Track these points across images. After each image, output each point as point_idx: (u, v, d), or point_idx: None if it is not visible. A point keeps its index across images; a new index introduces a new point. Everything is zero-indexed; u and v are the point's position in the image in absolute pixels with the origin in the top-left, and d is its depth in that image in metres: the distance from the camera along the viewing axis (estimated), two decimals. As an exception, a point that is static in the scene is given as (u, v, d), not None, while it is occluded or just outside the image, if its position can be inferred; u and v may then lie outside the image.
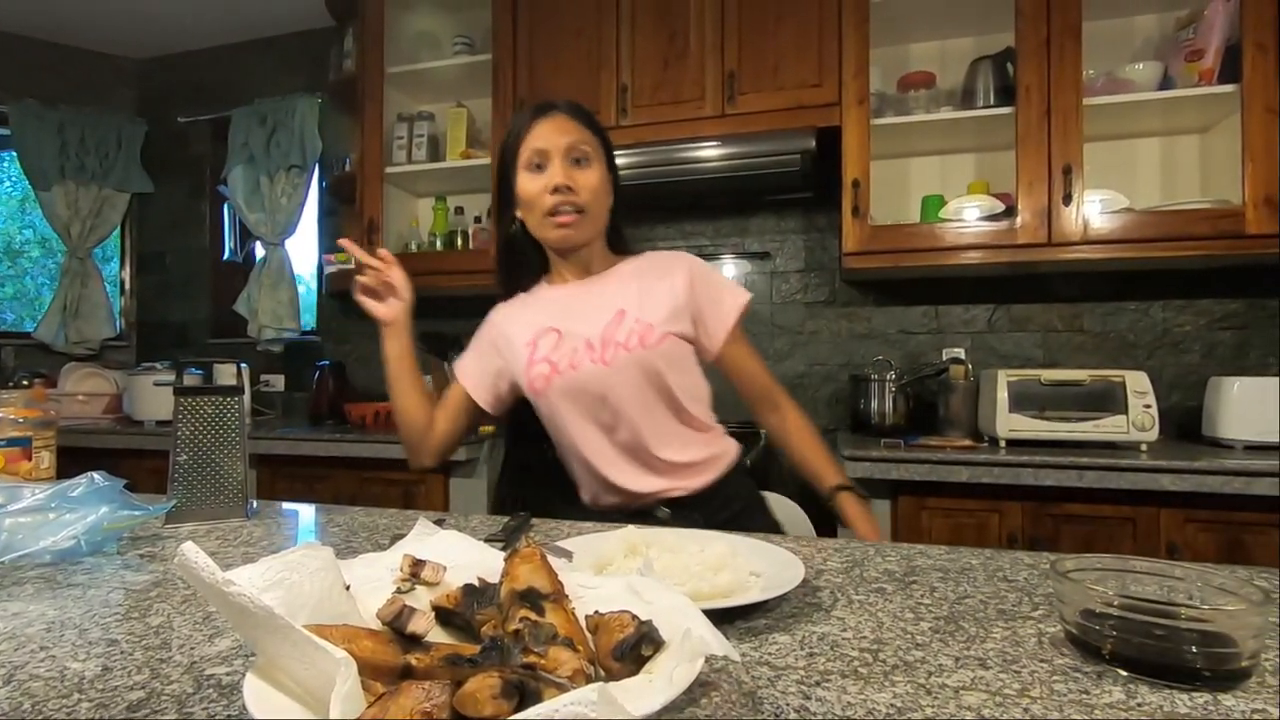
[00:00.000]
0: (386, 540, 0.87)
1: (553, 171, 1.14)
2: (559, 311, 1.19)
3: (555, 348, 1.16)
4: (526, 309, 1.24)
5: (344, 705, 0.34)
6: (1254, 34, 1.79)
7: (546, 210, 1.14)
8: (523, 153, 1.17)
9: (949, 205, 2.07)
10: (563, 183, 1.13)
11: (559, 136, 1.14)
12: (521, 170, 1.17)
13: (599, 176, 1.17)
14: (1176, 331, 2.14)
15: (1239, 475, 1.56)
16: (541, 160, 1.15)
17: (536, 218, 1.17)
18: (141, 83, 3.35)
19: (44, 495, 0.81)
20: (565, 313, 1.19)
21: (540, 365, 1.16)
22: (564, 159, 1.14)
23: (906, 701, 0.45)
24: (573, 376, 1.13)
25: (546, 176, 1.14)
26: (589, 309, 1.17)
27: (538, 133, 1.16)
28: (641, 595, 0.50)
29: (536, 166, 1.16)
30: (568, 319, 1.17)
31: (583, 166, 1.16)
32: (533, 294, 1.27)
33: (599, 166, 1.17)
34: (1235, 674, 0.47)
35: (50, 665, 0.51)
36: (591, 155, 1.17)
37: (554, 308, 1.21)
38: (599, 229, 1.21)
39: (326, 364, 2.80)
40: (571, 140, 1.15)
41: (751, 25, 2.15)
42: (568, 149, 1.14)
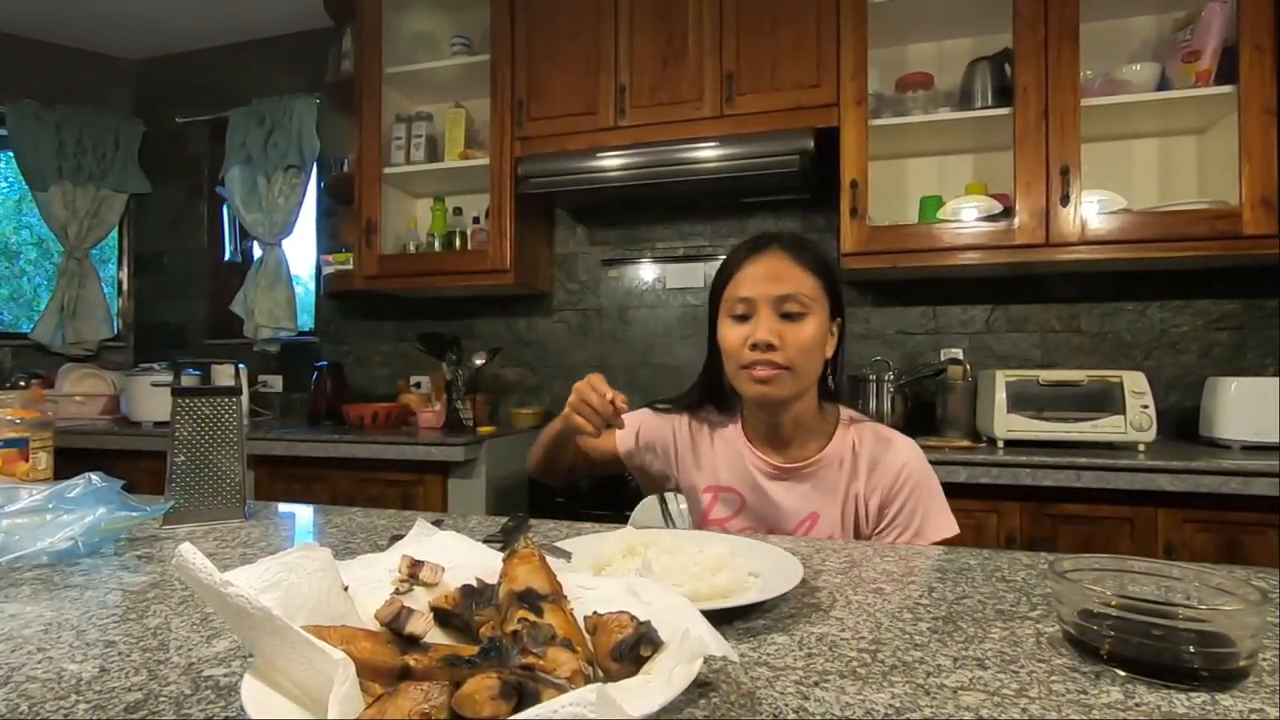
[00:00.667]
0: (385, 541, 0.87)
1: (756, 324, 1.00)
2: (749, 483, 1.09)
3: (733, 517, 1.09)
4: (714, 446, 1.13)
5: (342, 706, 0.34)
6: (1251, 35, 1.79)
7: (742, 363, 1.02)
8: (727, 298, 1.05)
9: (947, 206, 2.07)
10: (764, 339, 0.99)
11: (769, 285, 1.00)
12: (724, 318, 1.05)
13: (813, 332, 1.01)
14: (1174, 332, 2.15)
15: (1236, 475, 1.57)
16: (747, 310, 1.02)
17: (732, 368, 1.05)
18: (139, 83, 3.35)
19: (41, 496, 0.81)
20: (754, 489, 1.08)
21: (713, 527, 1.09)
22: (773, 310, 1.00)
23: (905, 702, 0.45)
24: None
25: (749, 328, 1.01)
26: (782, 499, 1.07)
27: (747, 277, 1.02)
28: (640, 596, 0.50)
29: (741, 316, 1.02)
30: (757, 496, 1.08)
31: (795, 321, 1.00)
32: (726, 431, 1.14)
33: (816, 320, 1.01)
34: (1233, 674, 0.47)
35: (48, 667, 0.50)
36: (810, 307, 1.01)
37: (744, 473, 1.09)
38: (805, 387, 1.04)
39: (324, 365, 2.80)
40: (785, 291, 1.00)
41: (750, 26, 2.15)
42: (779, 299, 1.00)
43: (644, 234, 2.66)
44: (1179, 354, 2.14)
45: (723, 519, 1.10)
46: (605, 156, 2.24)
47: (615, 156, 2.23)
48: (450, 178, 2.63)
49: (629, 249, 2.67)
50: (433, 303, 2.88)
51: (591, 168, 2.25)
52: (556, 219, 2.76)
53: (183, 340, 3.28)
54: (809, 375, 1.03)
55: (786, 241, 1.04)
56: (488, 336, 2.82)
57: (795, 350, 0.99)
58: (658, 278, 2.64)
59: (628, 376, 2.65)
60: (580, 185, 2.28)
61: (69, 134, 3.13)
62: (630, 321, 2.66)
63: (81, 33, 3.12)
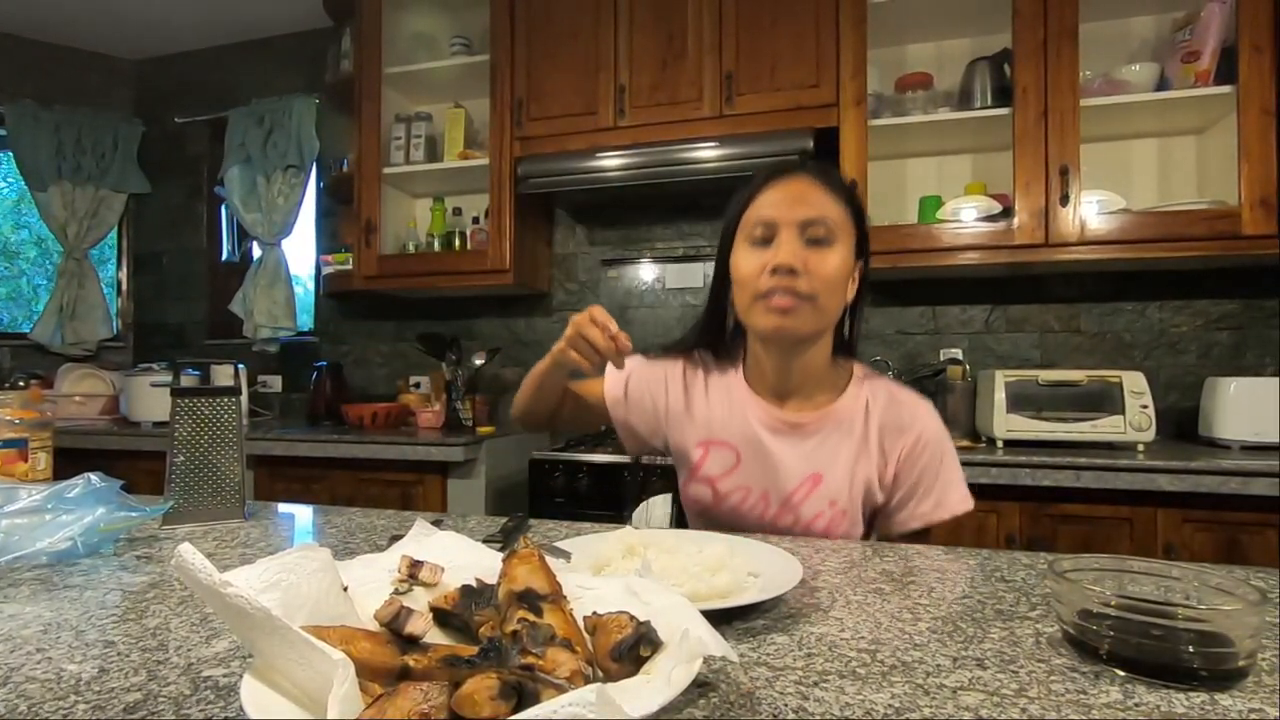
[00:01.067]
0: (384, 541, 0.87)
1: (778, 248, 0.90)
2: (747, 436, 0.99)
3: (726, 475, 0.99)
4: (710, 395, 1.03)
5: (341, 706, 0.34)
6: (1250, 35, 1.79)
7: (759, 292, 0.91)
8: (746, 221, 0.94)
9: (946, 206, 2.07)
10: (786, 263, 0.88)
11: (795, 207, 0.90)
12: (741, 243, 0.94)
13: (839, 263, 0.90)
14: (1173, 332, 2.15)
15: (1235, 475, 1.57)
16: (768, 233, 0.91)
17: (746, 299, 0.93)
18: (138, 83, 3.35)
19: (40, 496, 0.81)
20: (753, 444, 0.98)
21: (702, 486, 1.01)
22: (797, 234, 0.90)
23: (904, 702, 0.45)
24: (731, 515, 0.99)
25: (769, 253, 0.90)
26: (783, 456, 0.97)
27: (769, 198, 0.92)
28: (640, 596, 0.50)
29: (761, 240, 0.92)
30: (753, 451, 0.98)
31: (820, 248, 0.90)
32: (725, 379, 1.04)
33: (842, 250, 0.91)
34: (1232, 674, 0.47)
35: (47, 667, 0.50)
36: (836, 234, 0.91)
37: (742, 426, 0.99)
38: (824, 326, 0.94)
39: (324, 365, 2.80)
40: (812, 214, 0.90)
41: (749, 26, 2.15)
42: (804, 223, 0.90)
43: (643, 234, 2.66)
44: (1178, 354, 2.15)
45: (713, 476, 1.00)
46: (605, 156, 2.24)
47: (615, 156, 2.23)
48: (450, 178, 2.63)
49: (628, 249, 2.67)
50: (432, 303, 2.88)
51: (591, 168, 2.25)
52: (556, 219, 2.76)
53: (182, 340, 3.28)
54: (830, 312, 0.93)
55: (813, 167, 0.94)
56: (487, 336, 2.82)
57: (820, 280, 0.89)
58: (657, 278, 2.64)
59: (627, 376, 2.65)
60: (580, 185, 2.28)
61: (68, 134, 3.13)
62: (630, 321, 2.66)
63: (81, 33, 3.12)
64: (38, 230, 3.94)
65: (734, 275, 0.95)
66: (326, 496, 2.28)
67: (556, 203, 2.66)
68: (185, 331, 3.29)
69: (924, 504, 0.97)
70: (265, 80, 3.11)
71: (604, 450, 2.09)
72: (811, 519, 0.96)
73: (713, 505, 1.01)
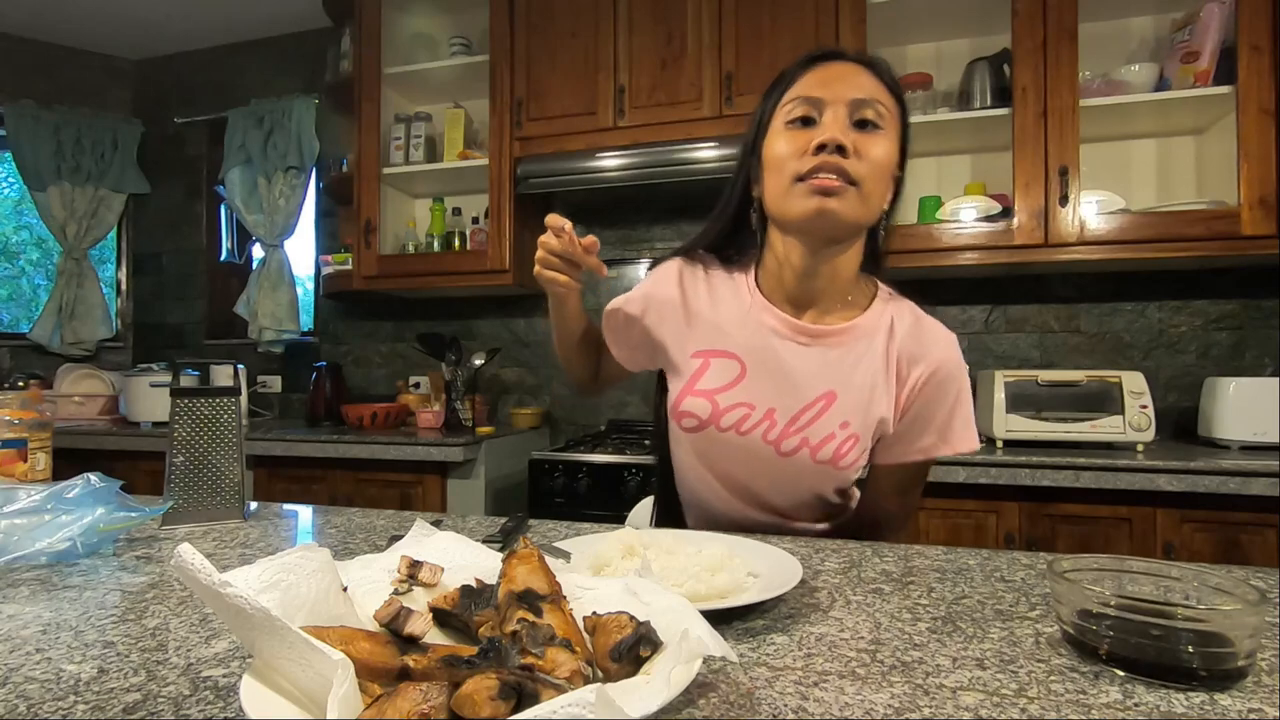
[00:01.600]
0: (384, 541, 0.87)
1: (825, 126, 0.80)
2: (756, 346, 0.90)
3: (728, 388, 0.90)
4: (715, 299, 0.94)
5: (341, 707, 0.34)
6: (1249, 35, 1.79)
7: (800, 173, 0.80)
8: (784, 103, 0.84)
9: (946, 206, 2.08)
10: (835, 138, 0.78)
11: (844, 86, 0.81)
12: (778, 126, 0.84)
13: (888, 150, 0.82)
14: (1172, 332, 2.15)
15: (1235, 475, 1.57)
16: (811, 112, 0.82)
17: (783, 183, 0.83)
18: (138, 83, 3.35)
19: (40, 497, 0.81)
20: (762, 354, 0.90)
21: (698, 399, 0.91)
22: (846, 114, 0.81)
23: (904, 702, 0.45)
24: (731, 439, 0.90)
25: (814, 131, 0.81)
26: (796, 366, 0.89)
27: (814, 78, 0.83)
28: (639, 596, 0.50)
29: (801, 120, 0.82)
30: (761, 363, 0.90)
31: (869, 132, 0.81)
32: (733, 281, 0.95)
33: (890, 142, 0.83)
34: (1231, 674, 0.47)
35: (46, 668, 0.50)
36: (887, 121, 0.82)
37: (752, 334, 0.91)
38: (866, 220, 0.85)
39: (323, 365, 2.80)
40: (863, 95, 0.81)
41: (748, 26, 2.15)
42: (855, 103, 0.81)
43: (643, 234, 2.66)
44: (1177, 354, 2.15)
45: (711, 389, 0.91)
46: (604, 157, 2.24)
47: (614, 157, 2.23)
48: (449, 178, 2.63)
49: (628, 249, 2.67)
50: (432, 303, 2.88)
51: (590, 168, 2.25)
52: (555, 219, 2.76)
53: (181, 340, 3.28)
54: (874, 206, 0.83)
55: (858, 54, 0.87)
56: (487, 337, 2.82)
57: (870, 163, 0.80)
58: (657, 278, 2.63)
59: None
60: (579, 185, 2.28)
61: (67, 134, 3.13)
62: (629, 322, 2.66)
63: (80, 33, 3.12)
64: (39, 231, 3.94)
65: (767, 159, 0.85)
66: (326, 497, 2.28)
67: (556, 203, 2.65)
68: (184, 332, 3.29)
69: (925, 438, 0.90)
70: (265, 80, 3.11)
71: (604, 450, 2.09)
72: (821, 441, 0.87)
73: (709, 422, 0.90)
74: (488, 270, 2.43)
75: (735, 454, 0.92)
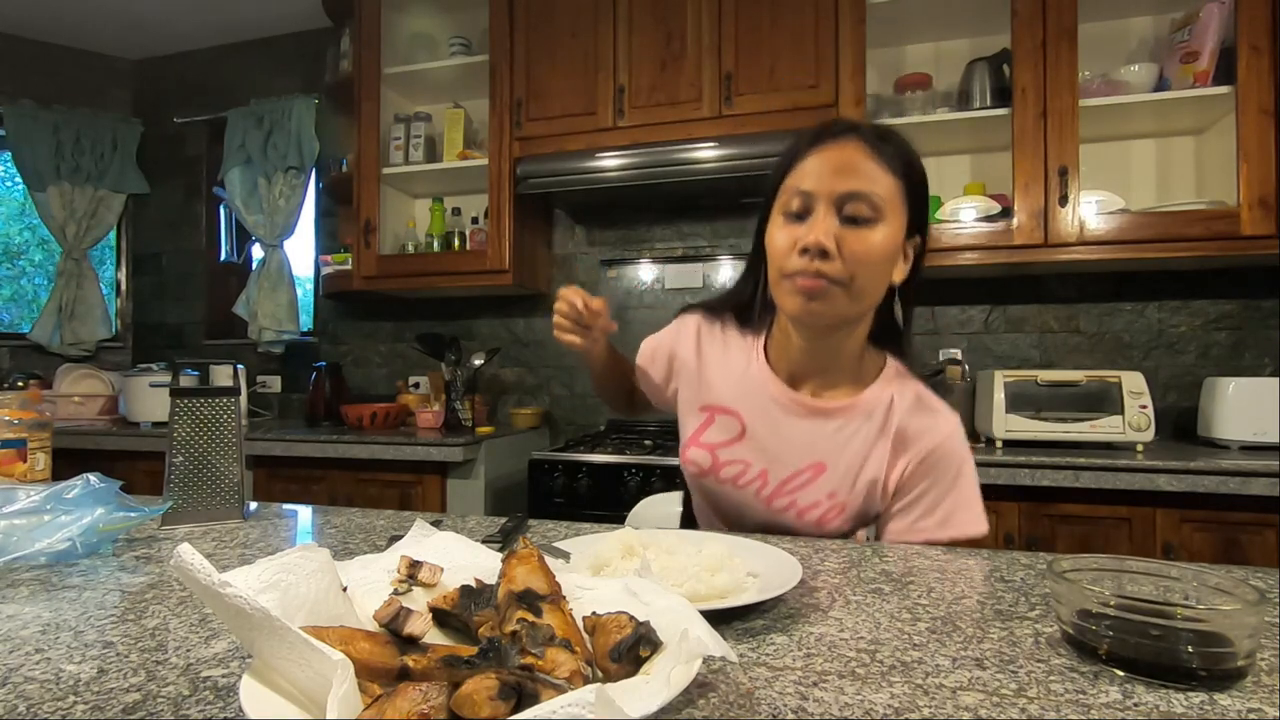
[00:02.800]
0: (383, 541, 0.87)
1: (812, 224, 0.83)
2: (756, 410, 0.95)
3: (728, 444, 0.96)
4: (727, 360, 1.00)
5: (341, 707, 0.34)
6: (1249, 36, 1.79)
7: (786, 271, 0.85)
8: (783, 190, 0.87)
9: (945, 206, 2.08)
10: (817, 241, 0.81)
11: (836, 178, 0.83)
12: (776, 214, 0.88)
13: (880, 242, 0.83)
14: (1172, 332, 2.15)
15: (1234, 475, 1.57)
16: (803, 206, 0.84)
17: (774, 275, 0.88)
18: (137, 83, 3.35)
19: (39, 497, 0.81)
20: (761, 419, 0.95)
21: (701, 451, 0.98)
22: (834, 211, 0.83)
23: (904, 702, 0.45)
24: (727, 490, 0.97)
25: (802, 228, 0.84)
26: (792, 435, 0.94)
27: (810, 168, 0.85)
28: (639, 596, 0.50)
29: (796, 214, 0.85)
30: (759, 426, 0.95)
31: (860, 227, 0.83)
32: (743, 345, 1.01)
33: (887, 230, 0.83)
34: (1231, 674, 0.47)
35: (45, 668, 0.50)
36: (882, 211, 0.83)
37: (754, 399, 0.96)
38: (859, 311, 0.88)
39: (323, 365, 2.80)
40: (853, 188, 0.82)
41: (748, 26, 2.15)
42: (843, 198, 0.82)
43: (643, 234, 2.66)
44: (1177, 354, 2.15)
45: (714, 444, 0.97)
46: (604, 157, 2.24)
47: (614, 157, 2.23)
48: (449, 178, 2.63)
49: (628, 249, 2.67)
50: (431, 303, 2.88)
51: (590, 168, 2.25)
52: (555, 219, 2.76)
53: (181, 341, 3.28)
54: (868, 296, 0.86)
55: (867, 132, 0.85)
56: (486, 337, 2.82)
57: (854, 262, 0.82)
58: (656, 278, 2.64)
59: (626, 377, 2.66)
60: (579, 186, 2.28)
61: (67, 134, 3.13)
62: (629, 322, 2.66)
63: (79, 33, 3.12)
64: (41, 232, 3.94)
65: (766, 246, 0.89)
66: (326, 497, 2.28)
67: (556, 203, 2.66)
68: (184, 332, 3.29)
69: (928, 519, 0.91)
70: (264, 80, 3.11)
71: (603, 450, 2.09)
72: (808, 507, 0.93)
73: (709, 472, 0.98)
74: (487, 270, 2.43)
75: (733, 502, 0.98)
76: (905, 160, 0.86)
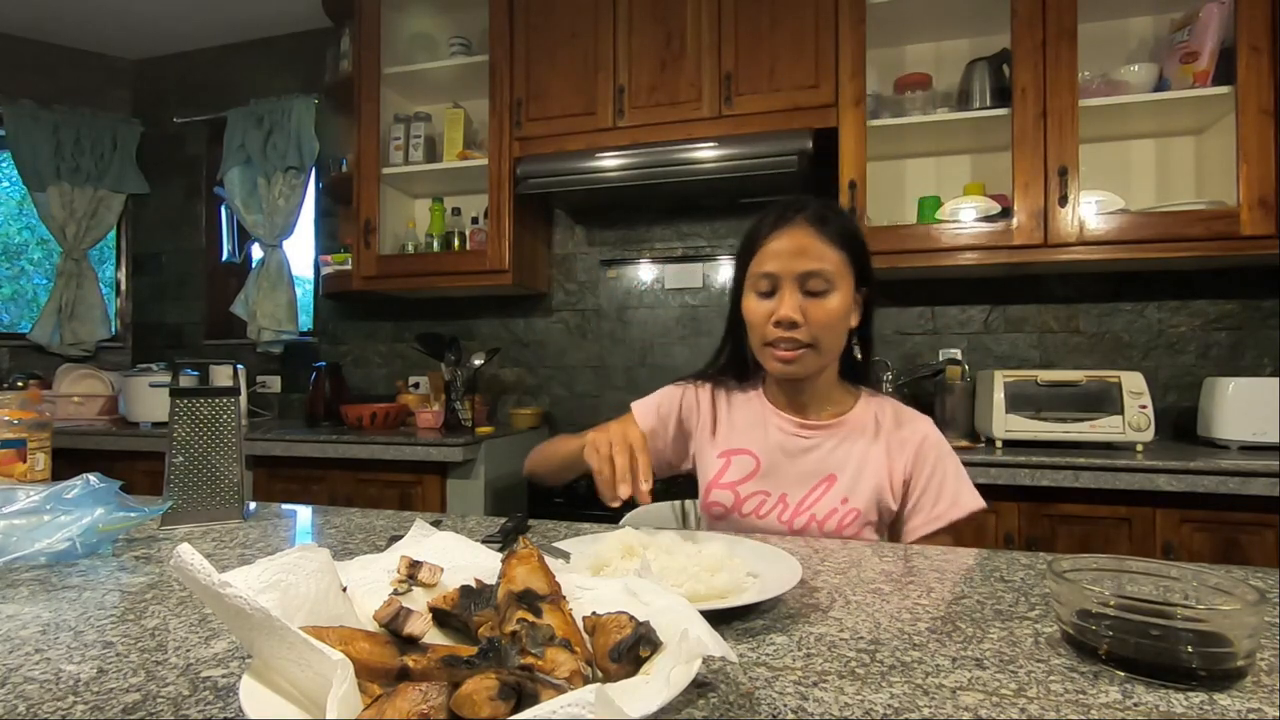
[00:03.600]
0: (383, 541, 0.87)
1: (781, 300, 1.02)
2: (769, 444, 1.10)
3: (747, 479, 1.09)
4: (733, 408, 1.16)
5: (340, 707, 0.34)
6: (1248, 36, 1.79)
7: (766, 340, 1.04)
8: (752, 274, 1.06)
9: (945, 206, 2.08)
10: (787, 316, 1.00)
11: (793, 260, 1.01)
12: (749, 292, 1.07)
13: (836, 306, 1.02)
14: (1172, 332, 2.15)
15: (1234, 475, 1.57)
16: (771, 285, 1.03)
17: (757, 343, 1.07)
18: (137, 83, 3.35)
19: (39, 497, 0.81)
20: (773, 450, 1.10)
21: (723, 491, 1.09)
22: (797, 287, 1.02)
23: (904, 702, 0.45)
24: (751, 521, 1.08)
25: (773, 303, 1.03)
26: (799, 461, 1.09)
27: (771, 252, 1.03)
28: (639, 596, 0.50)
29: (765, 292, 1.04)
30: (775, 457, 1.09)
31: (818, 297, 1.02)
32: (747, 396, 1.17)
33: (840, 294, 1.03)
34: (1231, 673, 0.47)
35: (45, 668, 0.50)
36: (834, 281, 1.02)
37: (761, 435, 1.11)
38: (828, 361, 1.08)
39: (323, 365, 2.80)
40: (808, 268, 1.01)
41: (748, 27, 2.15)
42: (803, 276, 1.01)
43: (642, 234, 2.66)
44: (1177, 354, 2.15)
45: (733, 482, 1.10)
46: (604, 157, 2.24)
47: (614, 157, 2.23)
48: (449, 178, 2.63)
49: (627, 249, 2.67)
50: (431, 303, 2.88)
51: (590, 168, 2.25)
52: (555, 219, 2.76)
53: (180, 341, 3.28)
54: (832, 349, 1.06)
55: (811, 214, 1.04)
56: (486, 337, 2.82)
57: (819, 327, 1.02)
58: (656, 278, 2.64)
59: (626, 377, 2.66)
60: (579, 186, 2.28)
61: (67, 134, 3.13)
62: (629, 322, 2.66)
63: (79, 33, 3.12)
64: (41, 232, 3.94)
65: (745, 317, 1.08)
66: (325, 497, 2.28)
67: (555, 203, 2.66)
68: (184, 332, 3.29)
69: (939, 505, 1.04)
70: (264, 80, 3.10)
71: (603, 450, 2.09)
72: (826, 516, 1.05)
73: (733, 510, 1.09)
74: (487, 270, 2.43)
75: (756, 529, 1.08)
76: (845, 234, 1.04)
